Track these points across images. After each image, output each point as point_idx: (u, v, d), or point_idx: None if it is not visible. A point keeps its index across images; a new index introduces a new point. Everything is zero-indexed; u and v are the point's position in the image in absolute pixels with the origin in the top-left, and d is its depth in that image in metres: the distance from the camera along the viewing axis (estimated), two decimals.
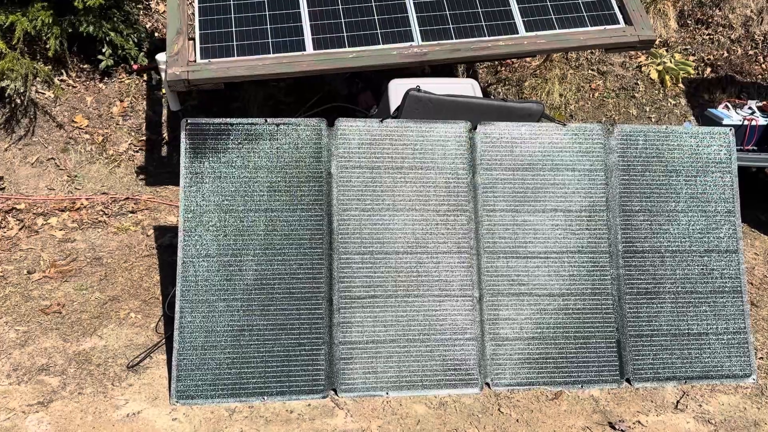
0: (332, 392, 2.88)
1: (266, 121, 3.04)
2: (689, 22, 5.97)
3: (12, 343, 3.04)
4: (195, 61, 3.46)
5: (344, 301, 2.95)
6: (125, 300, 3.41)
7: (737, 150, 4.40)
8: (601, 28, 3.72)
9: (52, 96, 4.68)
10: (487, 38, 3.62)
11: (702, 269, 3.19)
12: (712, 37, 5.93)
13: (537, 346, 3.03)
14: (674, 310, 3.15)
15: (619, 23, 3.76)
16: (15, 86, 4.39)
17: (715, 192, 3.26)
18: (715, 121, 4.42)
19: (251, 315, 2.90)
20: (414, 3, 3.66)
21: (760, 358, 3.29)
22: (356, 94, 5.19)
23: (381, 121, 3.07)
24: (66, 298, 3.39)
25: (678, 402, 2.96)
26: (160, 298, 3.45)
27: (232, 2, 3.59)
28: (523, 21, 3.67)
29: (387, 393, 2.90)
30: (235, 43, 3.48)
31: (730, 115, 4.43)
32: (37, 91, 4.66)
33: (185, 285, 2.88)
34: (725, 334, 3.16)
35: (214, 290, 2.90)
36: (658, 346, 3.11)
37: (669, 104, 5.51)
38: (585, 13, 3.73)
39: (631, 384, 3.05)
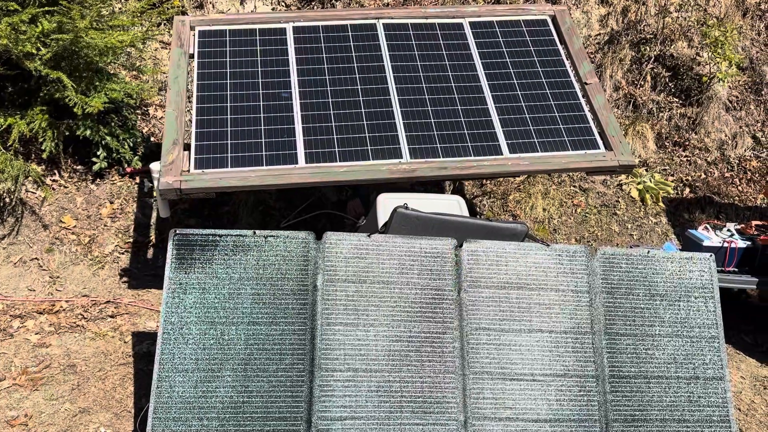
0: None
1: (255, 233, 3.06)
2: (667, 144, 6.22)
3: None
4: (189, 171, 3.52)
5: (323, 422, 2.85)
6: (96, 412, 3.28)
7: (718, 271, 4.48)
8: (582, 152, 3.86)
9: (42, 196, 4.70)
10: (472, 158, 3.74)
11: (689, 396, 3.15)
12: (689, 158, 6.17)
13: None
14: None
15: (599, 148, 3.91)
16: (5, 186, 4.42)
17: (699, 317, 3.27)
18: (696, 242, 4.51)
19: None
20: (404, 123, 3.81)
21: None
22: (345, 201, 5.28)
23: (368, 235, 3.10)
24: (34, 409, 3.25)
25: None
26: (133, 411, 3.32)
27: (229, 116, 3.71)
28: (507, 143, 3.81)
29: None
30: (229, 154, 3.56)
31: (710, 237, 4.53)
32: (26, 191, 4.70)
33: (159, 401, 2.78)
34: None
35: (189, 407, 2.80)
36: None
37: (650, 222, 5.63)
38: (566, 138, 3.89)
39: None
